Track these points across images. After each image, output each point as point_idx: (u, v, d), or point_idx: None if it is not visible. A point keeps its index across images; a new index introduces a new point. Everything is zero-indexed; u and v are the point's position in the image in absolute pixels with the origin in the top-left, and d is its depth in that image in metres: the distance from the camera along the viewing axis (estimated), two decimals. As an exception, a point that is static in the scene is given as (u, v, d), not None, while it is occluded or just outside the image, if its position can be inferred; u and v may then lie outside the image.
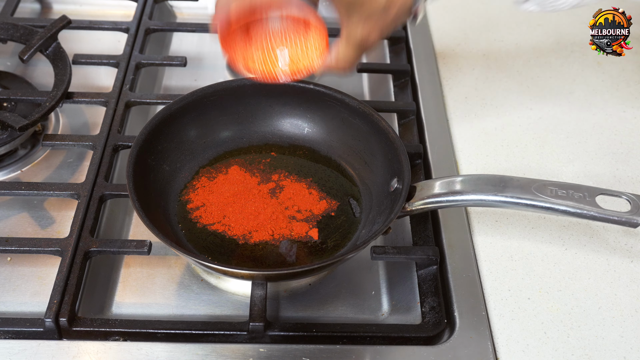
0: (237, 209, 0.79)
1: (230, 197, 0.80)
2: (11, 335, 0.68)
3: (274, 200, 0.80)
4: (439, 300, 0.74)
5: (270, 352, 0.67)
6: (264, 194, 0.80)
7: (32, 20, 1.07)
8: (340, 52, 0.71)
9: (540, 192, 0.69)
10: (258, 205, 0.79)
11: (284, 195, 0.80)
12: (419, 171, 0.86)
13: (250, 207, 0.79)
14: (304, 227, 0.77)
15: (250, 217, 0.78)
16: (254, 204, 0.79)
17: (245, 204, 0.79)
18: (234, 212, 0.78)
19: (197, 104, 0.82)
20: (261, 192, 0.81)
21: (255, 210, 0.79)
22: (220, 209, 0.79)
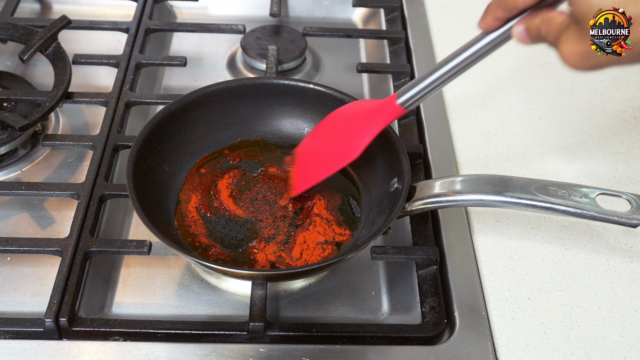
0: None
1: (230, 197, 0.80)
2: (11, 335, 0.68)
3: (274, 199, 0.80)
4: (439, 300, 0.74)
5: (270, 352, 0.67)
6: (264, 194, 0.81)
7: (32, 20, 1.07)
8: (569, 45, 0.56)
9: (540, 192, 0.69)
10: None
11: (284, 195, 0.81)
12: (419, 171, 0.86)
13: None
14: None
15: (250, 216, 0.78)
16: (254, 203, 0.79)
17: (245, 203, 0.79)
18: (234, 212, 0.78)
19: (197, 104, 0.82)
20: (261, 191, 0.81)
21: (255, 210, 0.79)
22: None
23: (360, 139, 0.73)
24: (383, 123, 0.72)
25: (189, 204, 0.79)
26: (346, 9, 1.18)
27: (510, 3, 0.57)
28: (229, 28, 1.05)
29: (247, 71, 1.05)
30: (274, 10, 1.08)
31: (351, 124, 0.75)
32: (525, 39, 0.58)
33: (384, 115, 0.72)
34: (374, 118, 0.72)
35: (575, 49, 0.54)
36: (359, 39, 1.14)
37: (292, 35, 1.07)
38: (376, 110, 0.72)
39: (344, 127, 0.75)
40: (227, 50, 1.10)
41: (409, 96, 0.69)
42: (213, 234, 0.77)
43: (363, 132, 0.73)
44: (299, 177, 0.78)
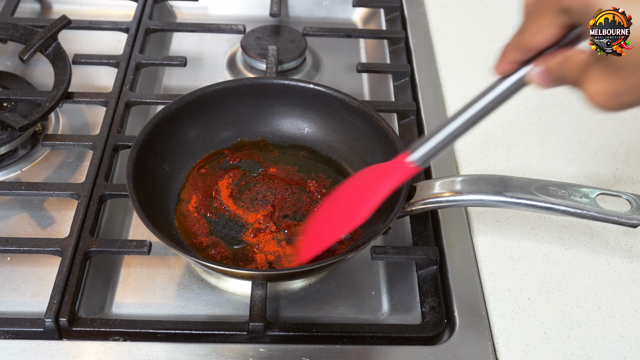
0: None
1: (230, 197, 0.80)
2: (11, 335, 0.68)
3: (274, 199, 0.80)
4: (439, 300, 0.74)
5: (270, 352, 0.67)
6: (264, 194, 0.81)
7: (32, 20, 1.07)
8: (596, 84, 0.52)
9: (540, 192, 0.69)
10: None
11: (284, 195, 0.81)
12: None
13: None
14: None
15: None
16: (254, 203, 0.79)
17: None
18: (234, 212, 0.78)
19: (197, 104, 0.82)
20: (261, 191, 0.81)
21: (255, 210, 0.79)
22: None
23: (369, 201, 0.68)
24: (394, 184, 0.67)
25: (189, 204, 0.79)
26: (346, 9, 1.18)
27: (526, 44, 0.53)
28: (229, 28, 1.06)
29: (247, 71, 1.05)
30: (274, 10, 1.08)
31: (361, 189, 0.70)
32: (544, 81, 0.55)
33: (396, 176, 0.67)
34: (385, 179, 0.67)
35: (602, 88, 0.50)
36: (359, 39, 1.14)
37: (292, 35, 1.07)
38: (387, 171, 0.68)
39: (354, 192, 0.71)
40: (227, 50, 1.10)
41: (422, 154, 0.64)
42: (213, 234, 0.77)
43: (372, 194, 0.68)
44: (307, 243, 0.73)
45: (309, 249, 0.71)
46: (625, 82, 0.49)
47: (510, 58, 0.56)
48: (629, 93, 0.50)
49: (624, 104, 0.51)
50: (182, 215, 0.78)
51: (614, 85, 0.50)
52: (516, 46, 0.55)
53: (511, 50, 0.55)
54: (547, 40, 0.53)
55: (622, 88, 0.50)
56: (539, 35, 0.53)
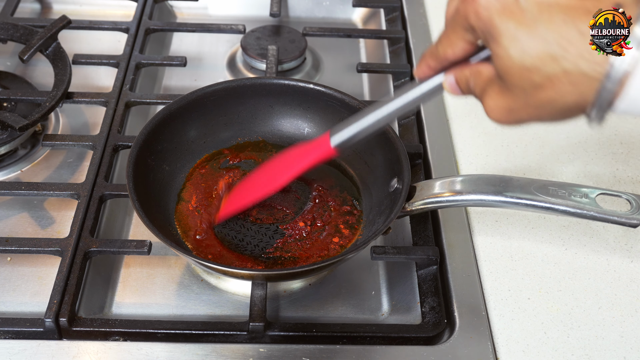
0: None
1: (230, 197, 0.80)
2: (11, 335, 0.68)
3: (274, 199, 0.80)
4: (439, 300, 0.74)
5: (270, 352, 0.67)
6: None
7: (32, 20, 1.07)
8: (492, 99, 0.54)
9: (540, 192, 0.69)
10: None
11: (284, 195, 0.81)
12: (419, 171, 0.86)
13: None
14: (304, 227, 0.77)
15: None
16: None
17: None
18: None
19: (197, 104, 0.82)
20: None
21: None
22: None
23: (286, 173, 0.73)
24: (312, 160, 0.72)
25: (189, 204, 0.79)
26: (346, 9, 1.18)
27: (441, 54, 0.57)
28: (229, 28, 1.06)
29: (247, 71, 1.05)
30: (274, 10, 1.08)
31: (284, 162, 0.75)
32: (454, 89, 0.58)
33: (315, 153, 0.71)
34: (306, 155, 0.72)
35: (497, 103, 0.53)
36: (359, 39, 1.14)
37: (292, 35, 1.07)
38: (310, 148, 0.72)
39: (278, 164, 0.76)
40: (227, 50, 1.10)
41: (343, 139, 0.68)
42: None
43: (291, 168, 0.73)
44: (227, 203, 0.78)
45: (228, 207, 0.77)
46: (517, 101, 0.52)
47: (427, 64, 0.59)
48: (520, 111, 0.53)
49: (516, 119, 0.54)
50: (182, 215, 0.78)
51: (507, 102, 0.53)
52: (432, 54, 0.58)
53: (428, 57, 0.59)
54: (457, 53, 0.56)
55: (514, 106, 0.52)
56: (450, 48, 0.56)
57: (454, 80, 0.58)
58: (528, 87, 0.50)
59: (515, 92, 0.51)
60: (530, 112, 0.52)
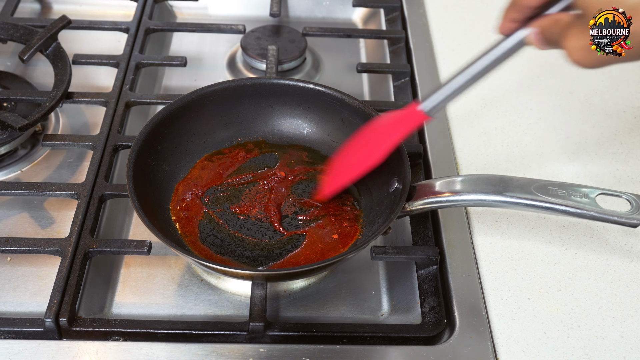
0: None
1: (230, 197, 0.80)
2: (11, 335, 0.68)
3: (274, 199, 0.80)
4: (439, 300, 0.74)
5: (270, 352, 0.67)
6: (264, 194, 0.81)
7: (32, 20, 1.07)
8: (573, 40, 0.56)
9: (540, 192, 0.69)
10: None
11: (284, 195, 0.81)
12: (419, 171, 0.86)
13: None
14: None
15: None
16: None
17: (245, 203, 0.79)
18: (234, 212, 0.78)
19: (197, 104, 0.82)
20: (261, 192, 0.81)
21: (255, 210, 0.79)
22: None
23: (382, 144, 0.74)
24: (405, 130, 0.73)
25: (189, 204, 0.79)
26: (346, 9, 1.18)
27: (522, 2, 0.59)
28: (229, 28, 1.06)
29: (247, 71, 1.05)
30: (274, 10, 1.08)
31: (376, 134, 0.76)
32: (538, 41, 0.60)
33: (407, 123, 0.72)
34: (397, 126, 0.73)
35: (578, 44, 0.55)
36: (359, 39, 1.14)
37: (292, 35, 1.07)
38: (399, 118, 0.73)
39: (370, 137, 0.76)
40: (227, 50, 1.10)
41: (434, 103, 0.70)
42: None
43: (386, 138, 0.74)
44: (326, 183, 0.79)
45: (330, 185, 0.78)
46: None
47: (509, 17, 0.61)
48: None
49: (599, 60, 0.55)
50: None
51: (589, 40, 0.54)
52: (513, 6, 0.60)
53: (510, 10, 0.60)
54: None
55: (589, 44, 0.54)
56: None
57: (537, 31, 0.59)
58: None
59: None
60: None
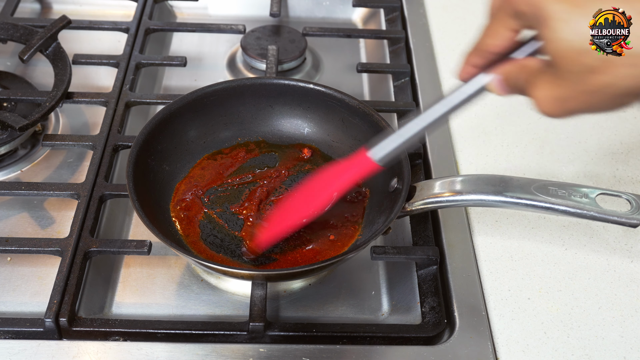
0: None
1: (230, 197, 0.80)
2: (11, 335, 0.68)
3: (273, 200, 0.80)
4: (439, 300, 0.74)
5: (270, 352, 0.67)
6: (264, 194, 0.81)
7: (32, 20, 1.07)
8: (543, 90, 0.53)
9: (540, 192, 0.69)
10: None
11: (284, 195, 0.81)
12: (419, 171, 0.86)
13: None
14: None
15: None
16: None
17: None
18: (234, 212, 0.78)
19: (197, 104, 0.82)
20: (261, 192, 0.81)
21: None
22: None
23: (329, 193, 0.71)
24: (353, 178, 0.69)
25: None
26: (346, 9, 1.18)
27: (484, 48, 0.55)
28: (229, 28, 1.06)
29: (247, 71, 1.05)
30: (274, 10, 1.08)
31: (324, 181, 0.72)
32: (501, 88, 0.56)
33: (355, 170, 0.69)
34: (345, 174, 0.70)
35: (548, 94, 0.51)
36: (359, 39, 1.14)
37: (292, 35, 1.07)
38: (348, 166, 0.70)
39: (317, 184, 0.73)
40: (227, 50, 1.10)
41: (385, 152, 0.66)
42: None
43: (333, 186, 0.71)
44: (268, 228, 0.74)
45: (269, 234, 0.73)
46: (570, 89, 0.50)
47: (470, 63, 0.57)
48: (573, 100, 0.51)
49: (568, 110, 0.52)
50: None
51: (559, 91, 0.51)
52: (475, 50, 0.56)
53: (472, 55, 0.57)
54: (503, 43, 0.54)
55: (567, 94, 0.50)
56: (495, 39, 0.54)
57: (499, 78, 0.56)
58: (581, 71, 0.48)
59: (568, 78, 0.49)
60: (583, 100, 0.50)
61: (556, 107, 0.52)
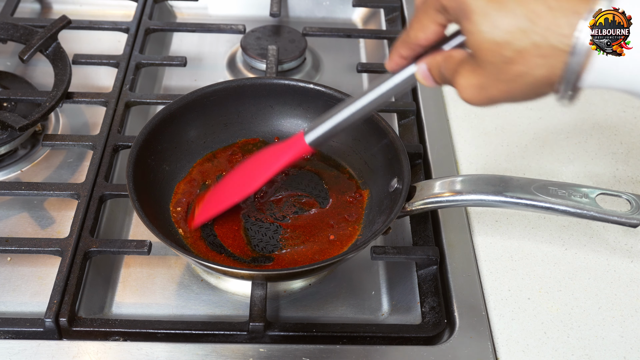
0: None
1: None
2: (11, 335, 0.68)
3: (273, 200, 0.80)
4: (439, 300, 0.74)
5: (270, 352, 0.67)
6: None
7: (32, 20, 1.07)
8: (464, 78, 0.55)
9: (540, 192, 0.69)
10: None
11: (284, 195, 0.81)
12: (419, 171, 0.86)
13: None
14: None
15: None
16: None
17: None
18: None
19: (197, 104, 0.82)
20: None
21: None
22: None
23: (264, 173, 0.73)
24: (287, 159, 0.72)
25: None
26: (346, 9, 1.18)
27: (413, 40, 0.57)
28: (229, 28, 1.06)
29: (247, 71, 1.05)
30: (274, 10, 1.08)
31: (260, 162, 0.75)
32: (427, 78, 0.59)
33: (290, 152, 0.72)
34: (280, 155, 0.73)
35: (469, 81, 0.54)
36: (359, 39, 1.14)
37: (292, 35, 1.07)
38: (283, 148, 0.72)
39: (254, 165, 0.76)
40: (227, 50, 1.10)
41: (317, 136, 0.69)
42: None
43: (268, 167, 0.73)
44: (202, 207, 0.77)
45: (203, 213, 0.76)
46: (489, 77, 0.53)
47: (399, 54, 0.59)
48: (492, 88, 0.53)
49: (489, 97, 0.54)
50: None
51: (479, 79, 0.53)
52: (403, 42, 0.58)
53: (400, 46, 0.59)
54: (429, 37, 0.56)
55: (486, 82, 0.53)
56: (422, 32, 0.56)
57: (426, 68, 0.59)
58: (499, 61, 0.51)
59: (487, 68, 0.52)
60: (501, 88, 0.53)
61: (476, 94, 0.54)
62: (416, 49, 0.58)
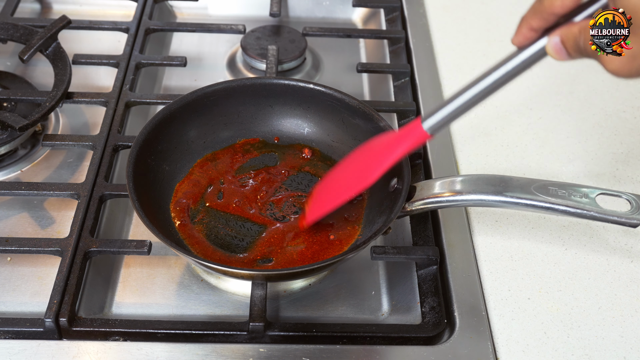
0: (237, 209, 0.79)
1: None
2: (11, 335, 0.68)
3: (273, 200, 0.80)
4: (439, 300, 0.74)
5: (270, 352, 0.67)
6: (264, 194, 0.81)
7: (32, 20, 1.07)
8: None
9: (540, 192, 0.69)
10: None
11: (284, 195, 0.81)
12: (419, 171, 0.86)
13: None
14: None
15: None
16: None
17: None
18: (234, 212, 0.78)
19: (197, 104, 0.82)
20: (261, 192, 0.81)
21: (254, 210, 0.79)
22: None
23: (380, 164, 0.69)
24: (404, 149, 0.67)
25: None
26: (346, 9, 1.18)
27: (546, 9, 0.52)
28: (229, 28, 1.06)
29: (247, 71, 1.05)
30: (274, 10, 1.08)
31: (373, 153, 0.71)
32: (561, 52, 0.53)
33: (407, 141, 0.67)
34: (396, 144, 0.68)
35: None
36: (359, 39, 1.14)
37: (292, 35, 1.07)
38: (400, 136, 0.68)
39: (366, 156, 0.72)
40: (227, 50, 1.10)
41: (436, 121, 0.63)
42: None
43: (384, 157, 0.69)
44: (314, 204, 0.74)
45: (317, 209, 0.73)
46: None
47: (529, 25, 0.54)
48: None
49: (639, 68, 0.50)
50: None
51: (631, 47, 0.49)
52: (535, 12, 0.53)
53: (530, 17, 0.54)
54: (566, 3, 0.52)
55: (637, 51, 0.49)
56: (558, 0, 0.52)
57: (559, 40, 0.53)
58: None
59: (638, 36, 0.48)
60: None
61: (628, 64, 0.49)
62: (549, 19, 0.53)
